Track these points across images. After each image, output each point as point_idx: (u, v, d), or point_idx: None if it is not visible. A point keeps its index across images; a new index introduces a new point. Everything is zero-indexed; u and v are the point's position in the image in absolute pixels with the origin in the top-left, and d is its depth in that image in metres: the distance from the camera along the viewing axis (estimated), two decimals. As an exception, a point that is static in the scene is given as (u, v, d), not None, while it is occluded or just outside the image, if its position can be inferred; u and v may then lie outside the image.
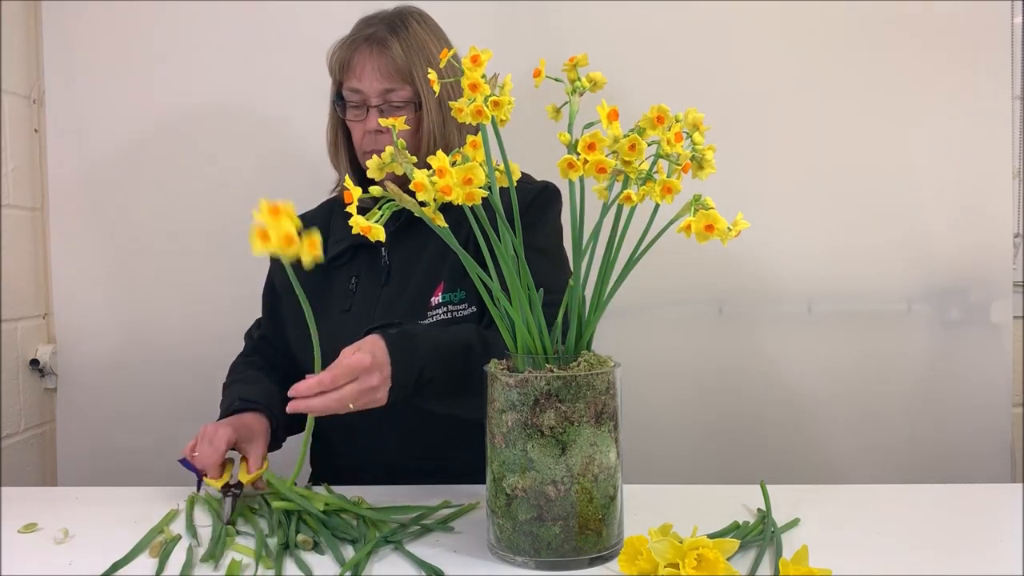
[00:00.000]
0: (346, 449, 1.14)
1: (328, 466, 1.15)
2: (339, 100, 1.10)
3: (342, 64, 1.09)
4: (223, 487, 0.89)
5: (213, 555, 0.80)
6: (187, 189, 1.56)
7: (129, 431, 1.57)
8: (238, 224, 1.53)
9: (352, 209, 0.74)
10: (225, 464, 0.95)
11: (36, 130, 1.58)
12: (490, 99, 0.74)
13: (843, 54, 1.51)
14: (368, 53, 1.06)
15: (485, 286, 0.80)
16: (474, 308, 1.08)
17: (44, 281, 1.59)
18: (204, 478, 0.93)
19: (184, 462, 0.95)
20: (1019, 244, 1.55)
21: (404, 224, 1.10)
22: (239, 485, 0.89)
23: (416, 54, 1.06)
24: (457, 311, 1.07)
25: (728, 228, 0.75)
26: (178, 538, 0.84)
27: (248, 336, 1.26)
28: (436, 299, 1.08)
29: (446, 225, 0.77)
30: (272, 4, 1.53)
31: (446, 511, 0.91)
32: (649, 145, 0.76)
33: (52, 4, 1.55)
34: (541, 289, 0.80)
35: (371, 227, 0.74)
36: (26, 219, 1.56)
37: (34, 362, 1.56)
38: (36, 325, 1.58)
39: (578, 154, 0.74)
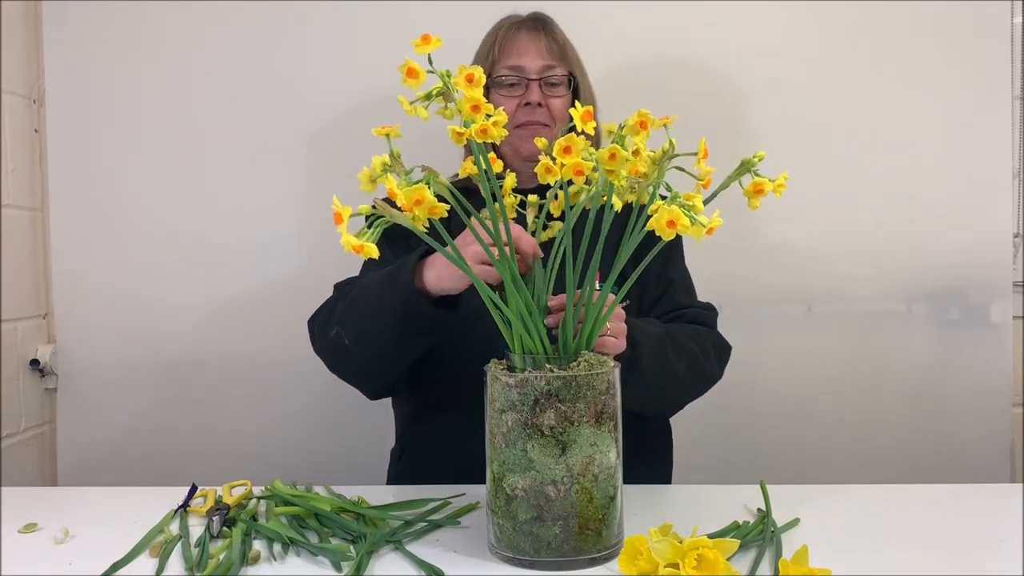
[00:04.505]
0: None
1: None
2: (493, 81, 1.14)
3: (503, 44, 1.15)
4: (208, 511, 0.89)
5: (212, 555, 0.80)
6: (187, 189, 1.55)
7: (129, 431, 1.57)
8: (238, 224, 1.55)
9: (343, 229, 0.71)
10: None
11: (36, 130, 1.58)
12: (492, 119, 0.74)
13: (842, 54, 1.51)
14: (530, 35, 1.16)
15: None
16: (627, 302, 1.07)
17: (44, 281, 1.59)
18: (189, 505, 0.94)
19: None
20: (1019, 244, 1.55)
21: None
22: (225, 507, 0.89)
23: (567, 41, 1.18)
24: None
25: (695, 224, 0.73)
26: (178, 538, 0.84)
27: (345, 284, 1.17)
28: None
29: (426, 230, 0.76)
30: (272, 4, 1.53)
31: (446, 511, 0.91)
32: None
33: (52, 4, 1.55)
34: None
35: (363, 246, 0.71)
36: (26, 219, 1.56)
37: (34, 362, 1.56)
38: (36, 325, 1.58)
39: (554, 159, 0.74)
